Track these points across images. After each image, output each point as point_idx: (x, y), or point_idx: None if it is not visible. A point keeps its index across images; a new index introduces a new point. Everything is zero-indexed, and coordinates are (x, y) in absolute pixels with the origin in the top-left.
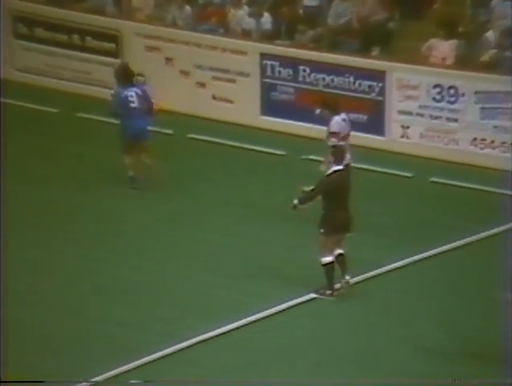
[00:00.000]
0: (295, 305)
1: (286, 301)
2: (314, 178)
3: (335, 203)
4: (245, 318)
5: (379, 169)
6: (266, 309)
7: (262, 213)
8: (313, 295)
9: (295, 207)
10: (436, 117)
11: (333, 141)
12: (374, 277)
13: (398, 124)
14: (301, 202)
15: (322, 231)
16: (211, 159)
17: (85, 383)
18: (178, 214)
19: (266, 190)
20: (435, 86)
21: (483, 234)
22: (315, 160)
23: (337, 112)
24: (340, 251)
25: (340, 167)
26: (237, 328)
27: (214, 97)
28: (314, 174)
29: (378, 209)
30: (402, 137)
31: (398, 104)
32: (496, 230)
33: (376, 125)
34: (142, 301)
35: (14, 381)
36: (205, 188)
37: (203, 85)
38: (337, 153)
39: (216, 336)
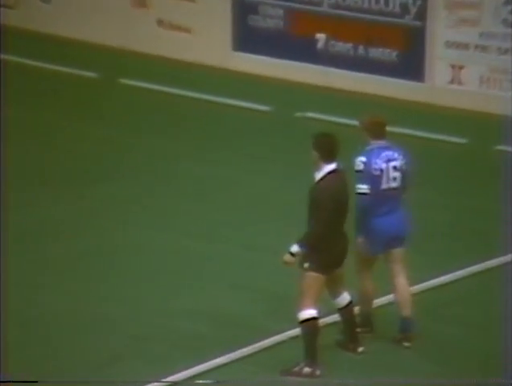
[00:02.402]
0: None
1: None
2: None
3: (330, 224)
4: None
5: (416, 132)
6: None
7: (240, 200)
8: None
9: None
10: (506, 51)
11: None
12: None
13: (445, 62)
14: None
15: (308, 265)
16: (156, 118)
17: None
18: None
19: (242, 165)
20: (508, 1)
21: None
22: (317, 119)
23: None
24: (346, 296)
25: (333, 167)
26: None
27: (161, 23)
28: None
29: None
30: (453, 82)
31: (447, 31)
32: None
33: (412, 65)
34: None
35: (6, 381)
36: (149, 165)
37: (143, 4)
38: (323, 144)
39: None
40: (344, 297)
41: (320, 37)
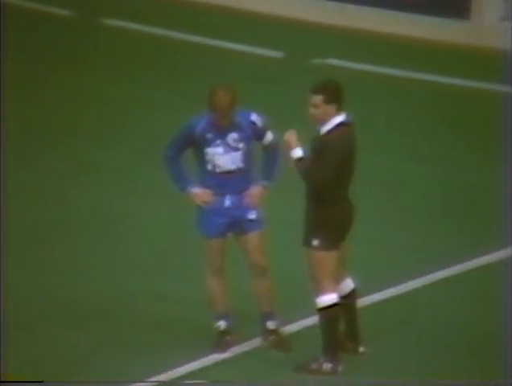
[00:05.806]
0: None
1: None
2: None
3: (337, 189)
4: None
5: (461, 82)
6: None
7: None
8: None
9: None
10: None
11: None
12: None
13: None
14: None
15: (317, 243)
16: (149, 66)
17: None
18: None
19: None
20: None
21: None
22: (338, 66)
23: None
24: (350, 283)
25: (342, 118)
26: None
27: None
28: None
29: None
30: (504, 20)
31: None
32: None
33: (455, 1)
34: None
35: (11, 381)
36: (147, 120)
37: None
38: (339, 93)
39: None
40: (347, 284)
41: None
